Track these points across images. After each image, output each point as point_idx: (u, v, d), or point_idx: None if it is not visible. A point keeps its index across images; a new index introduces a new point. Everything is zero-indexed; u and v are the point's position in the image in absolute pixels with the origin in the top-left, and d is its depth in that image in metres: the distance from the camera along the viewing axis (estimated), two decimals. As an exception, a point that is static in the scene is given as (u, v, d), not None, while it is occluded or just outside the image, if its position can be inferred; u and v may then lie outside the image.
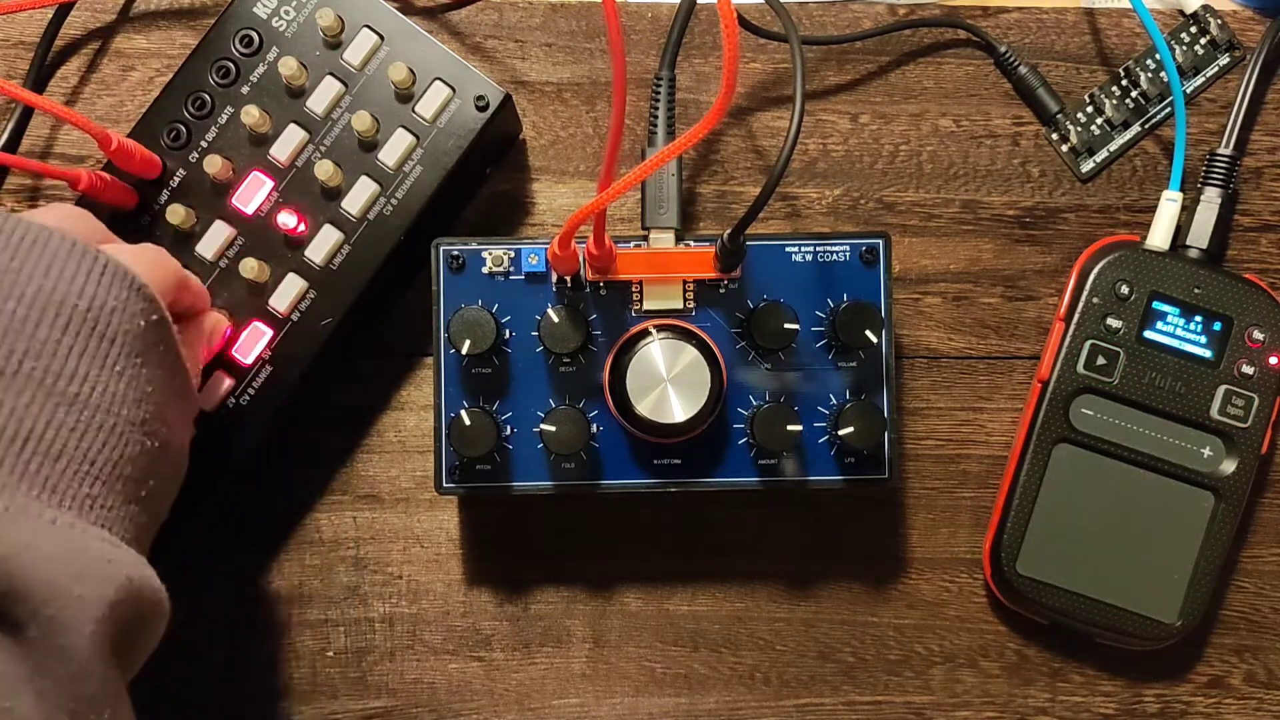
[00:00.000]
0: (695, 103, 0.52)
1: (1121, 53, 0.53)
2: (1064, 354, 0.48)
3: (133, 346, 0.35)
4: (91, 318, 0.34)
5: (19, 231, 0.34)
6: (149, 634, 0.35)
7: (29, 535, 0.31)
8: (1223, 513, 0.48)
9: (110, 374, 0.34)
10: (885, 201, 0.52)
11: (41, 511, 0.32)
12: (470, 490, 0.46)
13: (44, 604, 0.30)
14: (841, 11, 0.52)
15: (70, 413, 0.33)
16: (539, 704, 0.50)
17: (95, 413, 0.34)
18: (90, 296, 0.34)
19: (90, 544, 0.32)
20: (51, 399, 0.33)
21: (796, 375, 0.47)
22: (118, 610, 0.32)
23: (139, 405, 0.35)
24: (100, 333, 0.34)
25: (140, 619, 0.34)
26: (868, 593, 0.51)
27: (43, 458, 0.32)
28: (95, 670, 0.31)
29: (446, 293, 0.46)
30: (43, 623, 0.30)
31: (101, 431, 0.34)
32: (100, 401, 0.34)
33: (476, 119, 0.47)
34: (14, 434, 0.32)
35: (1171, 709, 0.51)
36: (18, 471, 0.32)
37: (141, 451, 0.35)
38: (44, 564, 0.31)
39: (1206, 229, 0.50)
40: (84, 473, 0.33)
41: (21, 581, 0.30)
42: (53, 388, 0.33)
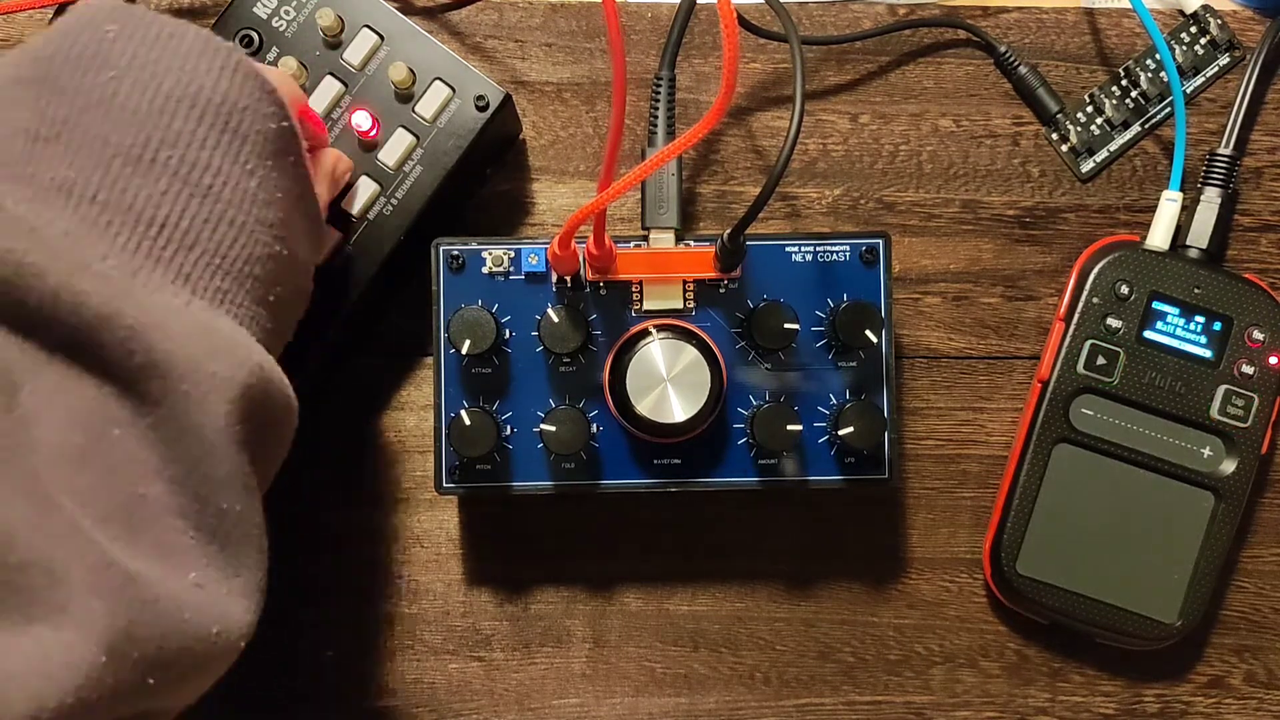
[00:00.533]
0: (695, 103, 0.52)
1: (1121, 53, 0.53)
2: (1064, 354, 0.48)
3: (264, 148, 0.35)
4: (225, 112, 0.34)
5: (155, 26, 0.34)
6: (279, 434, 0.35)
7: (166, 311, 0.31)
8: (1223, 513, 0.48)
9: (242, 170, 0.34)
10: (885, 201, 0.52)
11: (177, 293, 0.32)
12: (470, 490, 0.46)
13: (180, 379, 0.30)
14: (841, 11, 0.52)
15: (204, 204, 0.33)
16: (539, 704, 0.50)
17: (228, 207, 0.34)
18: (224, 92, 0.34)
19: (223, 328, 0.33)
20: (186, 189, 0.33)
21: (796, 375, 0.47)
22: (250, 395, 0.32)
23: (268, 207, 0.35)
24: (234, 128, 0.34)
25: (270, 414, 0.34)
26: (868, 593, 0.51)
27: (177, 245, 0.33)
28: (227, 454, 0.32)
29: (446, 293, 0.46)
30: (178, 399, 0.31)
31: (233, 227, 0.34)
32: (232, 197, 0.34)
33: (476, 119, 0.47)
34: (150, 219, 0.32)
35: (1171, 709, 0.51)
36: (154, 256, 0.32)
37: (270, 255, 0.35)
38: (181, 338, 0.31)
39: (1206, 229, 0.50)
40: (215, 265, 0.34)
41: (161, 354, 0.30)
42: (187, 177, 0.33)
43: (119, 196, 0.32)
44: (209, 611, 0.31)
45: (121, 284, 0.31)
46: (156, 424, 0.31)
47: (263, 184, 0.35)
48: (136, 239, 0.32)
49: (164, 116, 0.33)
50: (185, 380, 0.31)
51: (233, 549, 0.32)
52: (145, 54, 0.34)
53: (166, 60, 0.34)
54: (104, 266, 0.31)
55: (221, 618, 0.31)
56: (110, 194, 0.32)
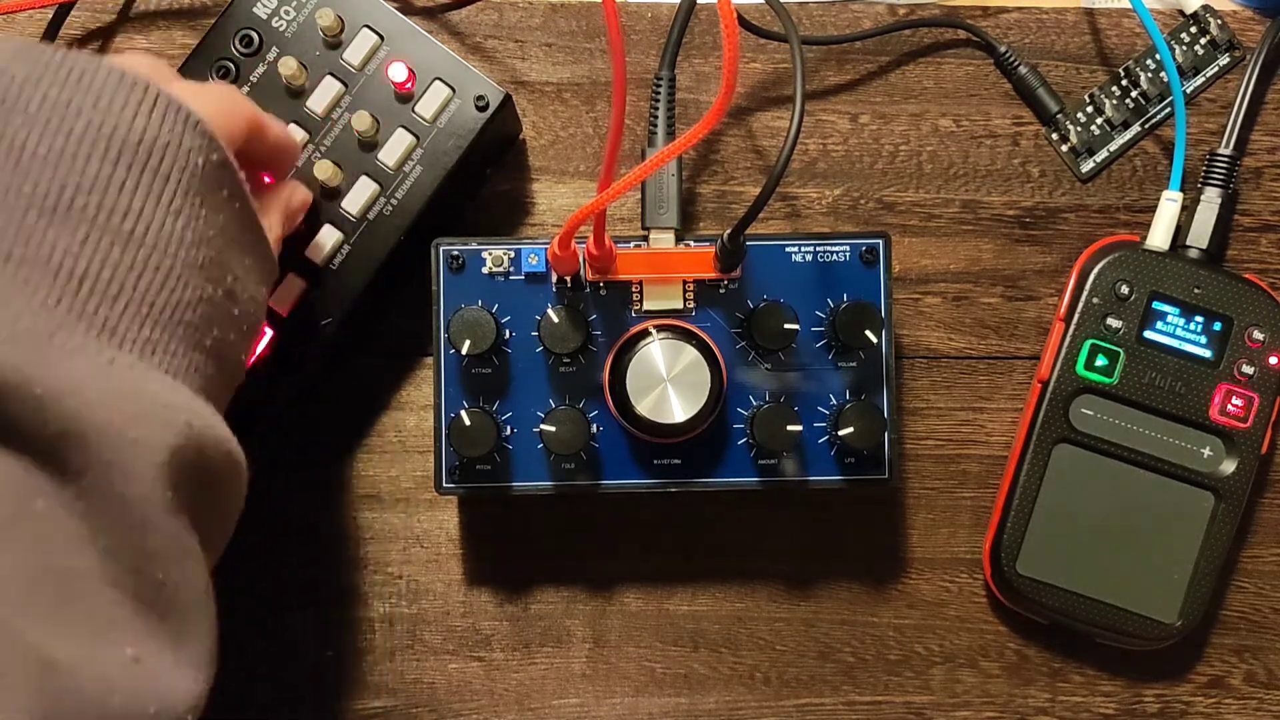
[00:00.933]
0: (695, 103, 0.52)
1: (1121, 53, 0.53)
2: (1064, 354, 0.48)
3: (189, 185, 0.33)
4: (144, 151, 0.32)
5: (66, 64, 0.32)
6: (223, 491, 0.34)
7: (85, 374, 0.30)
8: (1223, 513, 0.48)
9: (166, 212, 0.32)
10: (885, 201, 0.52)
11: (100, 350, 0.31)
12: (470, 490, 0.46)
13: (100, 448, 0.29)
14: (841, 11, 0.52)
15: (126, 251, 0.32)
16: (539, 704, 0.50)
17: (151, 252, 0.32)
18: (141, 130, 0.32)
19: (148, 386, 0.31)
20: (106, 236, 0.31)
21: (796, 375, 0.47)
22: (180, 458, 0.31)
23: (198, 248, 0.33)
24: (154, 168, 0.32)
25: (208, 471, 0.32)
26: (868, 593, 0.51)
27: (100, 297, 0.31)
28: (160, 522, 0.30)
29: (446, 293, 0.46)
30: (100, 469, 0.29)
31: (159, 272, 0.32)
32: (156, 241, 0.32)
33: (476, 119, 0.47)
34: (70, 271, 0.31)
35: (1171, 709, 0.51)
36: (75, 311, 0.31)
37: (203, 298, 0.34)
38: (99, 405, 0.29)
39: (1206, 229, 0.50)
40: (143, 315, 0.32)
41: (75, 423, 0.29)
42: (106, 224, 0.31)
43: (35, 251, 0.30)
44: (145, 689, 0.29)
45: (34, 347, 0.29)
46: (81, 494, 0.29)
47: (190, 223, 0.33)
48: (56, 294, 0.30)
49: (78, 161, 0.31)
50: (105, 449, 0.29)
51: (175, 618, 0.31)
52: (56, 95, 0.32)
53: (78, 100, 0.32)
54: (16, 329, 0.29)
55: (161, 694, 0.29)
56: (26, 249, 0.30)
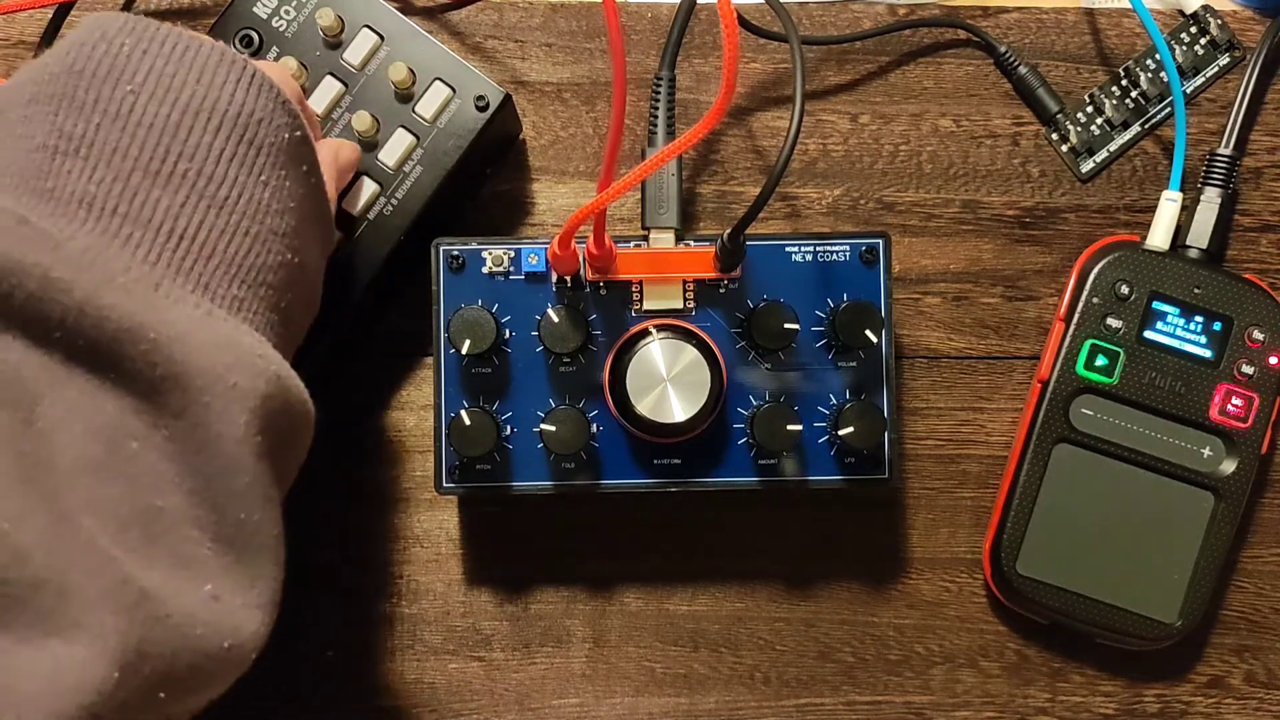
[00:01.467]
0: (695, 103, 0.52)
1: (1121, 53, 0.53)
2: (1064, 354, 0.48)
3: (277, 158, 0.36)
4: (241, 124, 0.35)
5: (170, 39, 0.35)
6: (297, 442, 0.36)
7: (188, 323, 0.32)
8: (1223, 513, 0.48)
9: (257, 182, 0.35)
10: (885, 201, 0.52)
11: (198, 304, 0.33)
12: (470, 490, 0.46)
13: (201, 391, 0.31)
14: (841, 11, 0.52)
15: (220, 215, 0.34)
16: (539, 704, 0.50)
17: (242, 218, 0.35)
18: (240, 104, 0.35)
19: (242, 338, 0.33)
20: (203, 201, 0.34)
21: (796, 375, 0.47)
22: (269, 405, 0.33)
23: (281, 217, 0.36)
24: (249, 140, 0.35)
25: (289, 423, 0.34)
26: (868, 593, 0.51)
27: (195, 256, 0.33)
28: (247, 465, 0.32)
29: (446, 293, 0.46)
30: (199, 410, 0.31)
31: (248, 237, 0.35)
32: (247, 208, 0.35)
33: (476, 119, 0.47)
34: (170, 231, 0.33)
35: (1171, 709, 0.51)
36: (174, 267, 0.33)
37: (282, 263, 0.36)
38: (201, 349, 0.31)
39: (1206, 229, 0.50)
40: (232, 274, 0.34)
41: (182, 366, 0.31)
42: (204, 190, 0.34)
43: (138, 210, 0.33)
44: (222, 625, 0.31)
45: (144, 297, 0.31)
46: (175, 436, 0.31)
47: (276, 193, 0.36)
48: (157, 250, 0.33)
49: (181, 130, 0.34)
50: (206, 392, 0.31)
51: (249, 559, 0.33)
52: (162, 68, 0.34)
53: (183, 74, 0.34)
54: (126, 279, 0.31)
55: (234, 631, 0.31)
56: (130, 207, 0.33)
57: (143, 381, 0.30)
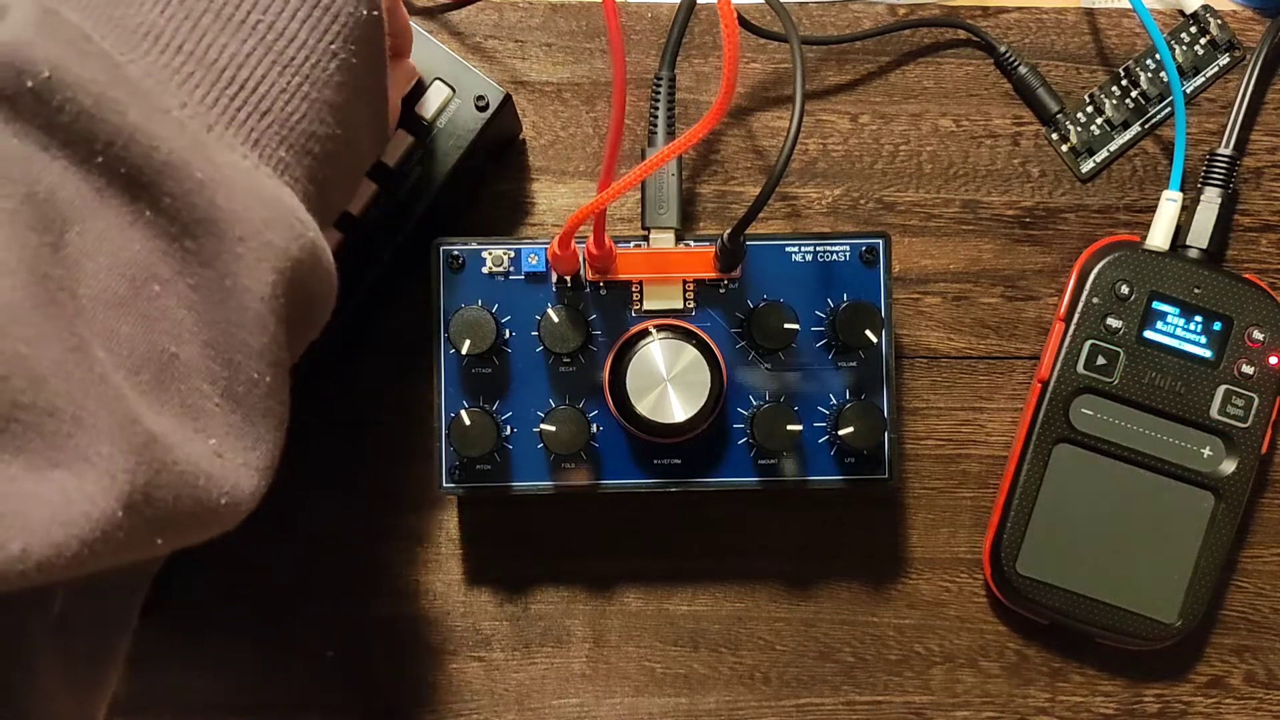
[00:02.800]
0: (695, 103, 0.52)
1: (1121, 53, 0.53)
2: (1064, 354, 0.48)
3: (350, 33, 0.35)
4: None
5: None
6: (318, 311, 0.35)
7: (234, 171, 0.31)
8: (1223, 513, 0.48)
9: (325, 50, 0.34)
10: (885, 201, 0.52)
11: (246, 155, 0.32)
12: (470, 490, 0.46)
13: (236, 241, 0.30)
14: (841, 11, 0.52)
15: (284, 74, 0.33)
16: (539, 704, 0.50)
17: (304, 82, 0.34)
18: None
19: (285, 197, 0.33)
20: (269, 55, 0.33)
21: (796, 375, 0.47)
22: (298, 268, 0.32)
23: (340, 91, 0.35)
24: (325, 6, 0.34)
25: (314, 291, 0.34)
26: (868, 593, 0.51)
27: (252, 109, 0.33)
28: (267, 324, 0.31)
29: (446, 293, 0.46)
30: (229, 260, 0.30)
31: (305, 101, 0.34)
32: (310, 73, 0.34)
33: (476, 119, 0.47)
34: (231, 78, 0.32)
35: (1171, 709, 0.51)
36: (228, 115, 0.32)
37: (330, 137, 0.35)
38: (243, 199, 0.31)
39: (1206, 229, 0.50)
40: (282, 135, 0.33)
41: (222, 212, 0.30)
42: (272, 44, 0.33)
43: (203, 50, 0.32)
44: (222, 480, 0.31)
45: (196, 135, 0.31)
46: (200, 286, 0.30)
47: (341, 67, 0.35)
48: (215, 94, 0.32)
49: None
50: (241, 243, 0.30)
51: (255, 420, 0.32)
52: None
53: None
54: (181, 115, 0.31)
55: (232, 488, 0.31)
56: (195, 46, 0.32)
57: (178, 222, 0.30)
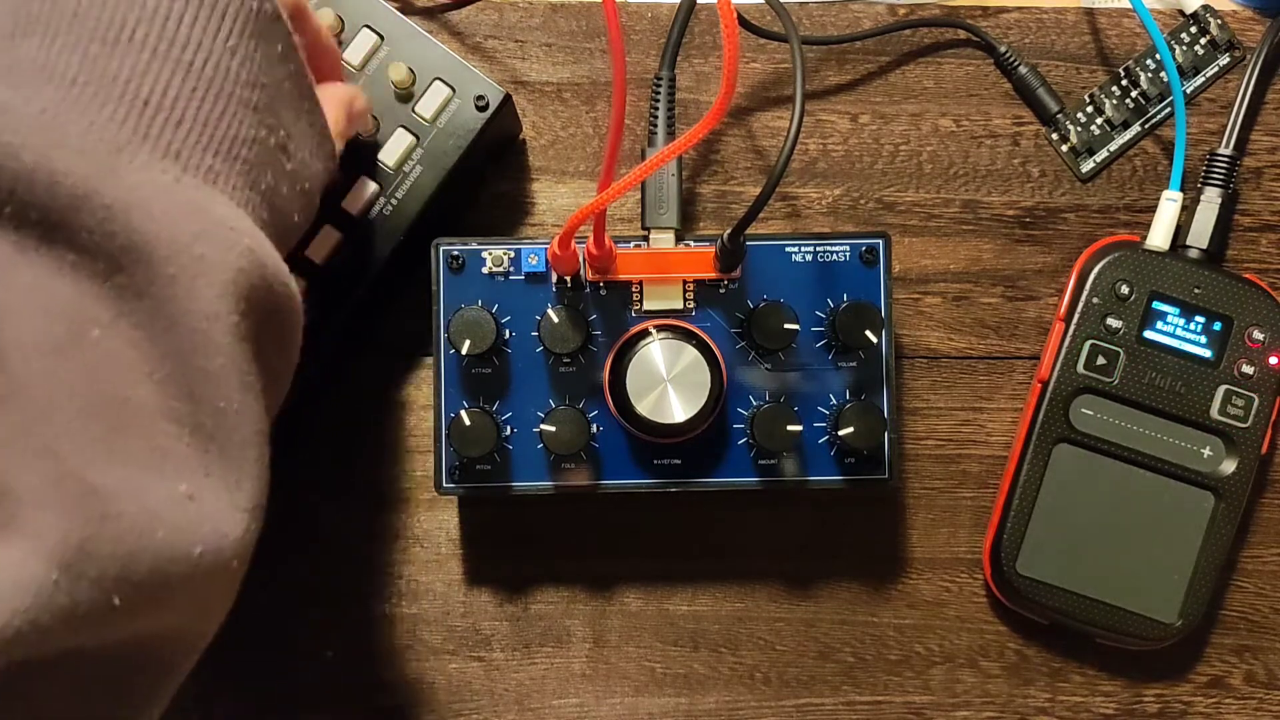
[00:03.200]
0: (695, 103, 0.52)
1: (1121, 53, 0.53)
2: (1064, 354, 0.48)
3: (244, 27, 0.34)
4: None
5: None
6: (283, 328, 0.34)
7: (152, 190, 0.30)
8: (1223, 513, 0.48)
9: (222, 47, 0.33)
10: (885, 201, 0.52)
11: (166, 170, 0.31)
12: (470, 490, 0.46)
13: (165, 262, 0.29)
14: (841, 11, 0.52)
15: (187, 79, 0.32)
16: (539, 704, 0.50)
17: (210, 83, 0.33)
18: None
19: (214, 207, 0.31)
20: (168, 64, 0.32)
21: (796, 375, 0.47)
22: (244, 280, 0.31)
23: (252, 89, 0.34)
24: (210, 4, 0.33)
25: (270, 302, 0.33)
26: (868, 593, 0.51)
27: (164, 121, 0.32)
28: (221, 344, 0.30)
29: (446, 293, 0.46)
30: (164, 284, 0.29)
31: (218, 101, 0.33)
32: (214, 73, 0.33)
33: (476, 119, 0.47)
34: (135, 93, 0.31)
35: (1171, 709, 0.51)
36: (140, 131, 0.31)
37: (257, 139, 0.34)
38: (166, 220, 0.30)
39: (1206, 229, 0.50)
40: (204, 142, 0.32)
41: (141, 235, 0.29)
42: (167, 53, 0.32)
43: (99, 73, 0.31)
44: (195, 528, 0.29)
45: (102, 160, 0.30)
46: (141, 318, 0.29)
47: (245, 63, 0.34)
48: (123, 111, 0.31)
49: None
50: (170, 263, 0.29)
51: (232, 454, 0.31)
52: None
53: None
54: (84, 142, 0.30)
55: (210, 536, 0.29)
56: (90, 73, 0.31)
57: (101, 255, 0.28)
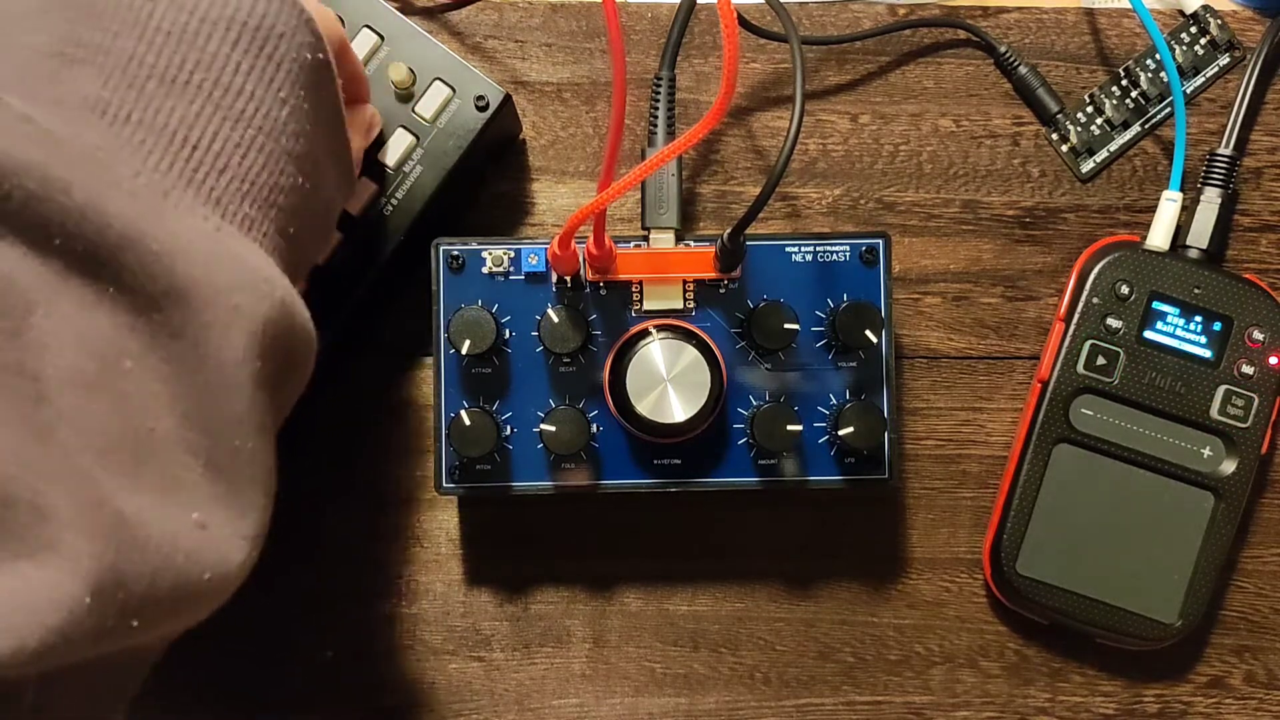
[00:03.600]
0: (695, 103, 0.52)
1: (1121, 53, 0.53)
2: (1064, 354, 0.48)
3: (298, 78, 0.35)
4: (260, 37, 0.34)
5: None
6: (299, 370, 0.35)
7: (195, 236, 0.31)
8: (1223, 513, 0.48)
9: (274, 98, 0.34)
10: (885, 201, 0.52)
11: (207, 217, 0.32)
12: (470, 490, 0.46)
13: (203, 308, 0.30)
14: (841, 11, 0.52)
15: (235, 128, 0.33)
16: (539, 704, 0.50)
17: (258, 133, 0.34)
18: (260, 15, 0.34)
19: (250, 258, 0.32)
20: (219, 112, 0.33)
21: (796, 375, 0.47)
22: (272, 330, 0.32)
23: (298, 139, 0.35)
24: (268, 54, 0.34)
25: (291, 351, 0.33)
26: (868, 593, 0.51)
27: (209, 168, 0.32)
28: (245, 391, 0.31)
29: (446, 293, 0.46)
30: (199, 329, 0.30)
31: (262, 153, 0.34)
32: (263, 124, 0.34)
33: (476, 119, 0.47)
34: (184, 140, 0.32)
35: (1171, 709, 0.51)
36: (185, 177, 0.32)
37: (294, 187, 0.35)
38: (206, 265, 0.30)
39: (1206, 229, 0.50)
40: (244, 190, 0.33)
41: (184, 280, 0.30)
42: (220, 101, 0.33)
43: (152, 116, 0.32)
44: (205, 554, 0.30)
45: (151, 204, 0.31)
46: (172, 357, 0.30)
47: (293, 113, 0.35)
48: (170, 158, 0.32)
49: (199, 38, 0.33)
50: (208, 310, 0.30)
51: (241, 488, 0.32)
52: None
53: None
54: (135, 184, 0.30)
55: (218, 562, 0.30)
56: (144, 113, 0.32)
57: (142, 295, 0.29)
